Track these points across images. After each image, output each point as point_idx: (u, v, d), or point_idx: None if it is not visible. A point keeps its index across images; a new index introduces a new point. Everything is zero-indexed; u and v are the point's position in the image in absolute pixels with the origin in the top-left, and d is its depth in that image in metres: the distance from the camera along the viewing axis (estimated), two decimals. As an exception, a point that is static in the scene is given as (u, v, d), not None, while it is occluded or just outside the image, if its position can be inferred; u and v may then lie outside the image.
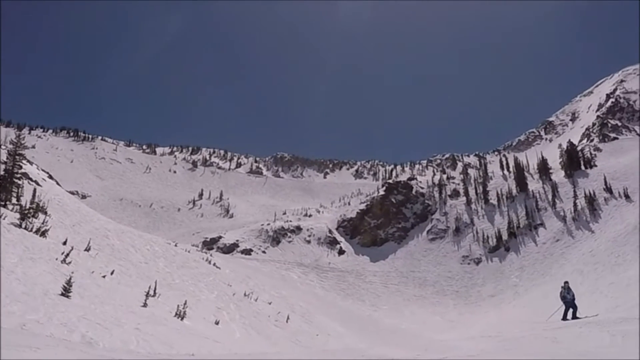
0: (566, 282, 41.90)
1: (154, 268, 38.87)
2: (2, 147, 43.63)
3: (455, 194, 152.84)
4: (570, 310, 40.19)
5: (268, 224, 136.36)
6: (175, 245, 59.09)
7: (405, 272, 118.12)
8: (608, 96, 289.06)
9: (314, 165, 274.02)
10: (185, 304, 27.52)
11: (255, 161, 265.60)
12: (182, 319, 25.33)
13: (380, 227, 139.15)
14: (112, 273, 29.32)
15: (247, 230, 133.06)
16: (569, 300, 40.46)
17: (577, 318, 37.74)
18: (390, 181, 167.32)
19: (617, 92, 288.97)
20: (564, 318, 39.01)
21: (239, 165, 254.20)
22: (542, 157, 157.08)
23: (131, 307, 23.18)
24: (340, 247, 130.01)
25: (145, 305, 24.57)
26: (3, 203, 33.24)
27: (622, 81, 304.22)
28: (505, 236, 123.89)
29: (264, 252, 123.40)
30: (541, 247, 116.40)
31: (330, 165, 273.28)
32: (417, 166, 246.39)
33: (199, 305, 32.60)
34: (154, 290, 28.13)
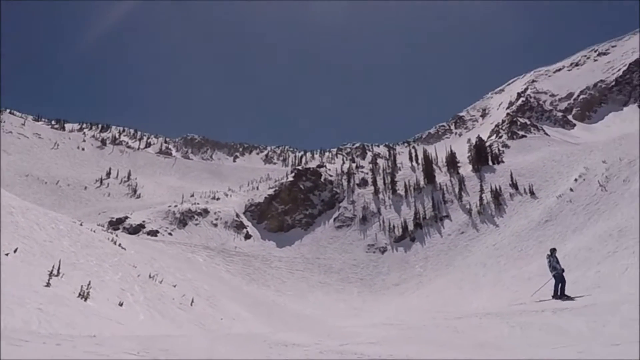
0: (553, 249, 36.04)
1: (59, 247, 38.01)
2: None
3: (363, 183, 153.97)
4: (560, 285, 34.31)
5: (175, 206, 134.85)
6: (81, 224, 57.91)
7: (311, 259, 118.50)
8: (519, 95, 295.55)
9: (224, 149, 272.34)
10: (89, 284, 27.02)
11: (165, 142, 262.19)
12: (85, 299, 24.84)
13: (287, 212, 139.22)
14: (15, 251, 28.59)
15: (154, 212, 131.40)
16: (559, 270, 34.82)
17: (568, 297, 32.30)
18: (300, 168, 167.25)
19: (528, 92, 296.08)
20: (556, 294, 33.37)
21: (148, 145, 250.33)
22: (451, 150, 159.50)
23: (34, 286, 22.65)
24: (247, 232, 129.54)
25: (48, 285, 24.04)
26: None
27: (533, 81, 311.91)
28: (411, 227, 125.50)
29: (170, 234, 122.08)
30: (446, 238, 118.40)
31: (241, 149, 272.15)
32: (327, 154, 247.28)
33: (103, 286, 32.04)
34: (58, 270, 27.51)
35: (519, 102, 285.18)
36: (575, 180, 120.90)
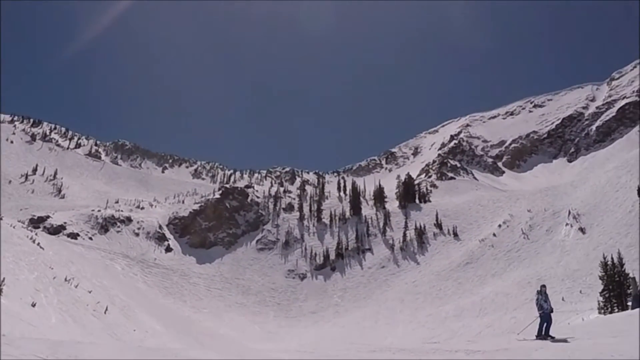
0: (543, 287, 34.00)
1: (-28, 240, 37.01)
2: None
3: (290, 208, 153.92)
4: (545, 325, 32.09)
5: (99, 211, 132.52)
6: (0, 219, 56.58)
7: (230, 278, 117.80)
8: (452, 137, 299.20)
9: (154, 158, 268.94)
10: (3, 281, 26.29)
11: (96, 144, 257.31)
12: (-3, 296, 24.15)
13: (211, 229, 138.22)
14: None
15: (76, 214, 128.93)
16: (546, 310, 31.37)
17: (552, 338, 30.14)
18: (228, 186, 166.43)
19: (462, 135, 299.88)
20: (540, 334, 30.84)
21: (78, 145, 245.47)
22: (380, 185, 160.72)
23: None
24: (169, 245, 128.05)
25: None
26: None
27: (467, 125, 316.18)
28: (333, 256, 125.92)
29: (90, 238, 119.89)
30: (367, 271, 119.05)
31: (170, 161, 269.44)
32: (256, 175, 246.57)
33: (18, 285, 31.21)
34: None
35: (452, 144, 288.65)
36: (499, 226, 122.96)
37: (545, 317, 30.91)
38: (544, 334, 29.73)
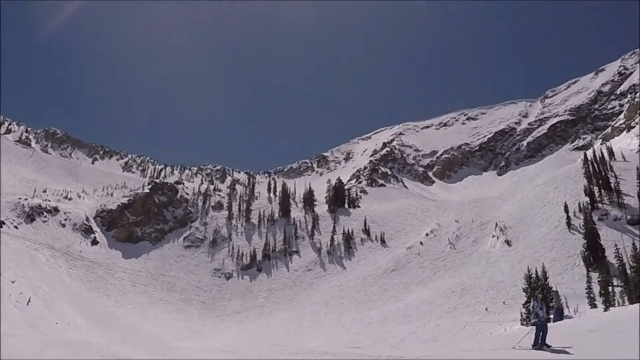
0: (539, 294, 31.67)
1: None
2: None
3: (219, 206, 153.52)
4: (541, 333, 28.64)
5: (26, 199, 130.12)
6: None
7: (156, 275, 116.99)
8: (385, 144, 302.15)
9: (85, 149, 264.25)
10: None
11: (27, 131, 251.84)
12: None
13: (138, 224, 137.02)
14: None
15: (2, 202, 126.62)
16: (541, 318, 30.25)
17: (548, 347, 27.40)
18: (158, 181, 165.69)
19: (394, 143, 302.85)
20: (537, 344, 29.10)
21: (8, 131, 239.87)
22: (310, 188, 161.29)
23: None
24: (95, 237, 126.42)
25: None
26: None
27: (400, 134, 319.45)
28: (259, 257, 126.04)
29: (16, 227, 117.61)
30: (293, 273, 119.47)
31: (101, 152, 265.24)
32: (187, 171, 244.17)
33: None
34: None
35: (384, 151, 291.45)
36: (427, 234, 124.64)
37: (542, 326, 29.57)
38: (540, 343, 28.41)
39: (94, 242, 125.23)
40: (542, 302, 30.10)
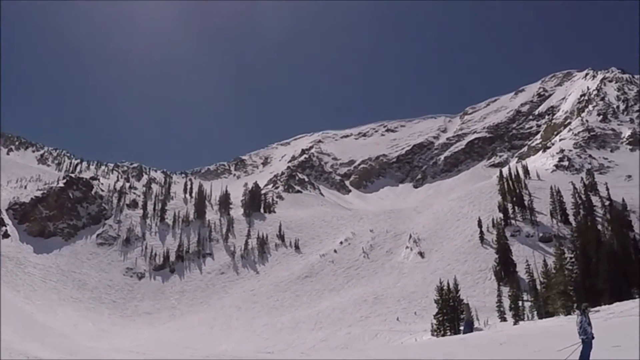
0: (587, 307, 26.87)
1: None
2: None
3: (134, 204, 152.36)
4: (588, 353, 25.10)
5: None
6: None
7: (67, 271, 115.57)
8: (303, 151, 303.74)
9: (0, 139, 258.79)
10: None
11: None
12: None
13: (51, 219, 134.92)
14: None
15: None
16: (589, 336, 24.83)
17: None
18: (73, 175, 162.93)
19: (313, 150, 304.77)
20: None
21: None
22: (227, 191, 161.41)
23: None
24: (6, 231, 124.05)
25: None
26: None
27: (320, 141, 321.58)
28: (173, 257, 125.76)
29: None
30: (206, 275, 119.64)
31: (17, 143, 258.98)
32: (103, 167, 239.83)
33: None
34: None
35: (302, 158, 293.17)
36: (341, 243, 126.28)
37: (589, 345, 25.10)
38: None
39: (5, 235, 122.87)
40: (589, 317, 25.49)
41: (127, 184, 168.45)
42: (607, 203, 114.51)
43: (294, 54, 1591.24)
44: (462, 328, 56.82)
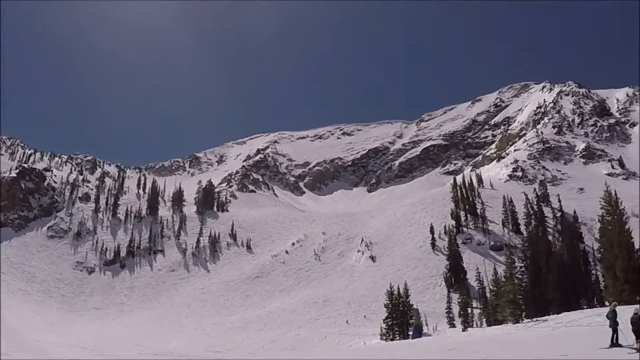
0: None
1: None
2: None
3: (86, 198, 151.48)
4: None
5: None
6: None
7: (16, 263, 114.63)
8: (259, 151, 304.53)
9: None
10: None
11: None
12: None
13: (2, 209, 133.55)
14: None
15: None
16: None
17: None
18: (26, 166, 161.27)
19: (268, 150, 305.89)
20: None
21: None
22: (180, 188, 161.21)
23: None
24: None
25: None
26: None
27: (275, 142, 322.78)
28: (124, 253, 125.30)
29: None
30: (156, 272, 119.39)
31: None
32: (57, 159, 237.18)
33: None
34: None
35: (257, 157, 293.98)
36: (293, 244, 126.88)
37: None
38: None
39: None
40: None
41: (81, 177, 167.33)
42: (558, 214, 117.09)
43: (251, 53, 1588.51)
44: (411, 333, 57.65)
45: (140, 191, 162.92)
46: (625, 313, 27.11)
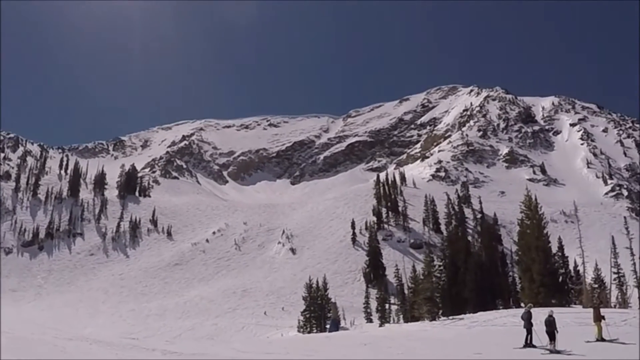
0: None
1: None
2: None
3: (6, 176, 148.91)
4: None
5: None
6: None
7: None
8: (184, 137, 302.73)
9: None
10: None
11: None
12: None
13: None
14: None
15: None
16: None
17: None
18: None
19: (194, 137, 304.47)
20: None
21: None
22: (103, 171, 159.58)
23: None
24: None
25: None
26: None
27: (201, 129, 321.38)
28: (42, 234, 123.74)
29: None
30: (75, 256, 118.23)
31: None
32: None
33: None
34: None
35: (182, 144, 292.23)
36: (214, 233, 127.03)
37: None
38: None
39: None
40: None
41: (2, 155, 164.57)
42: (479, 216, 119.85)
43: (185, 40, 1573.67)
44: (328, 326, 58.45)
45: (62, 172, 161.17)
46: (540, 315, 29.28)
